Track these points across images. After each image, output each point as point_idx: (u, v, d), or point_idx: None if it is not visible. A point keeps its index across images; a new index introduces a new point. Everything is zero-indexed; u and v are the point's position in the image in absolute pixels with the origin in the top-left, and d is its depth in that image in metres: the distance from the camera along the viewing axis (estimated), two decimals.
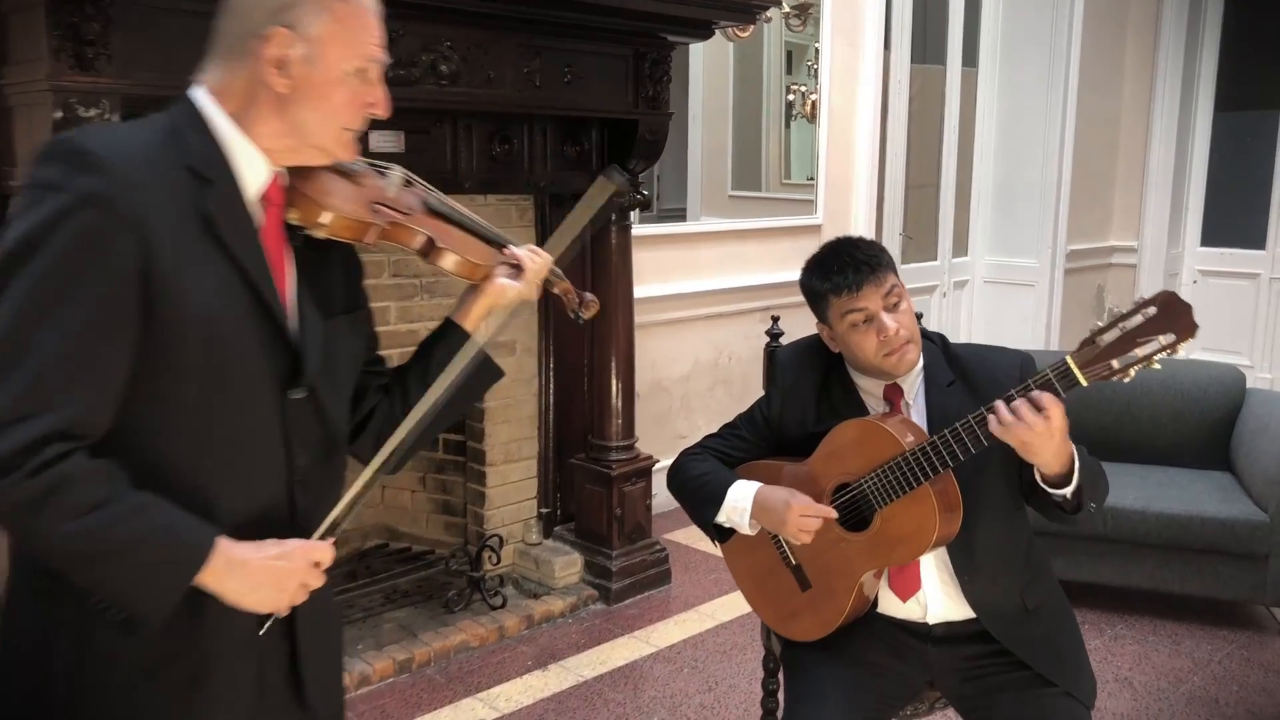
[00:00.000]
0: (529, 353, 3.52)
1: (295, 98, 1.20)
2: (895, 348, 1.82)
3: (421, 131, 2.89)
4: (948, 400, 1.88)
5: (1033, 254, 6.13)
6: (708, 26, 3.27)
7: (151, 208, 1.10)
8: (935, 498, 1.76)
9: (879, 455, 1.80)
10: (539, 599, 3.40)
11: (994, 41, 6.00)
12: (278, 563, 1.20)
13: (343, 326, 1.34)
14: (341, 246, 1.35)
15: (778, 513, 1.83)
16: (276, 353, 1.23)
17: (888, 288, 1.81)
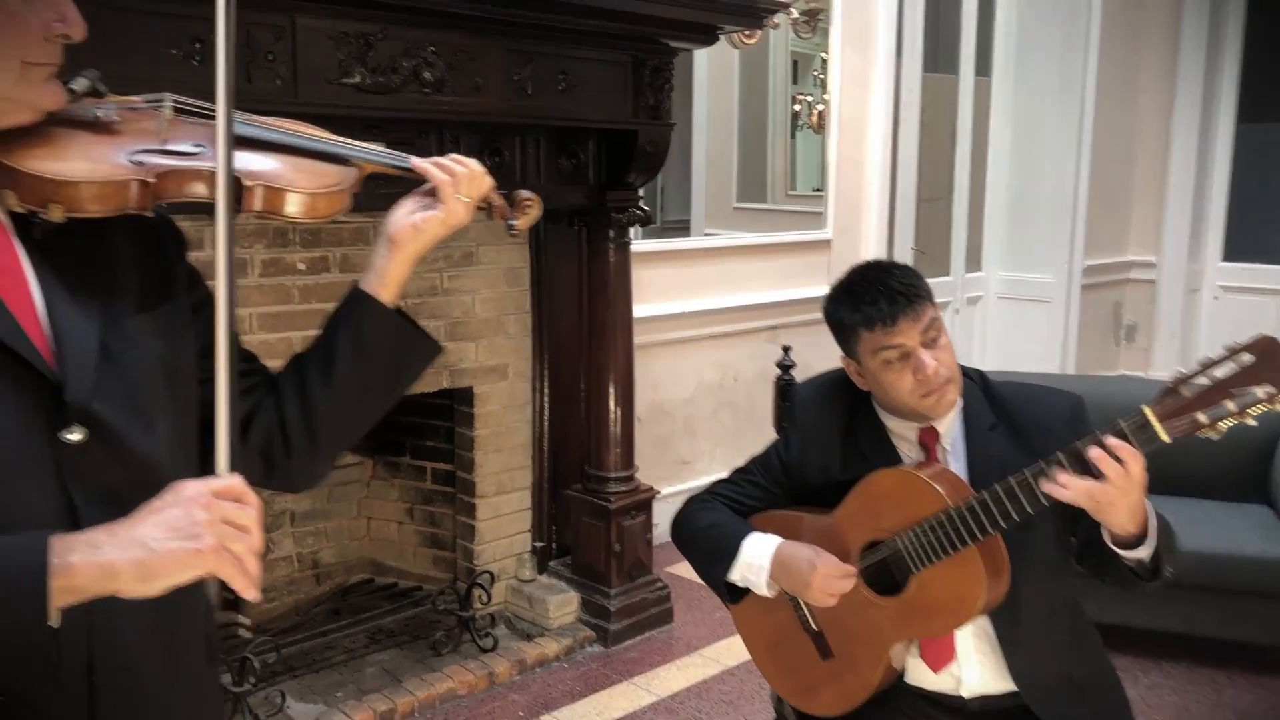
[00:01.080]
0: (521, 377, 3.31)
1: None
2: (934, 388, 1.61)
3: (405, 143, 2.68)
4: (990, 445, 1.67)
5: (1048, 269, 5.92)
6: (712, 31, 3.07)
7: None
8: (983, 562, 1.55)
9: (917, 511, 1.59)
10: (532, 640, 3.19)
11: (1008, 50, 5.81)
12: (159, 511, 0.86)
13: (138, 327, 1.00)
14: (121, 222, 1.00)
15: (800, 574, 1.63)
16: (23, 388, 0.90)
17: (926, 321, 1.61)
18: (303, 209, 1.04)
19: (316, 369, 1.12)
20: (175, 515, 0.85)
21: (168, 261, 1.07)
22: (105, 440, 0.93)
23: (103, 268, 0.99)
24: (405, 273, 1.13)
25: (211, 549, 0.85)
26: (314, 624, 3.17)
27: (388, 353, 1.14)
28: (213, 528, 0.85)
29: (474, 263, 3.13)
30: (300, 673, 2.94)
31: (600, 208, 3.14)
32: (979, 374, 1.78)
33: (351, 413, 1.16)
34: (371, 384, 1.15)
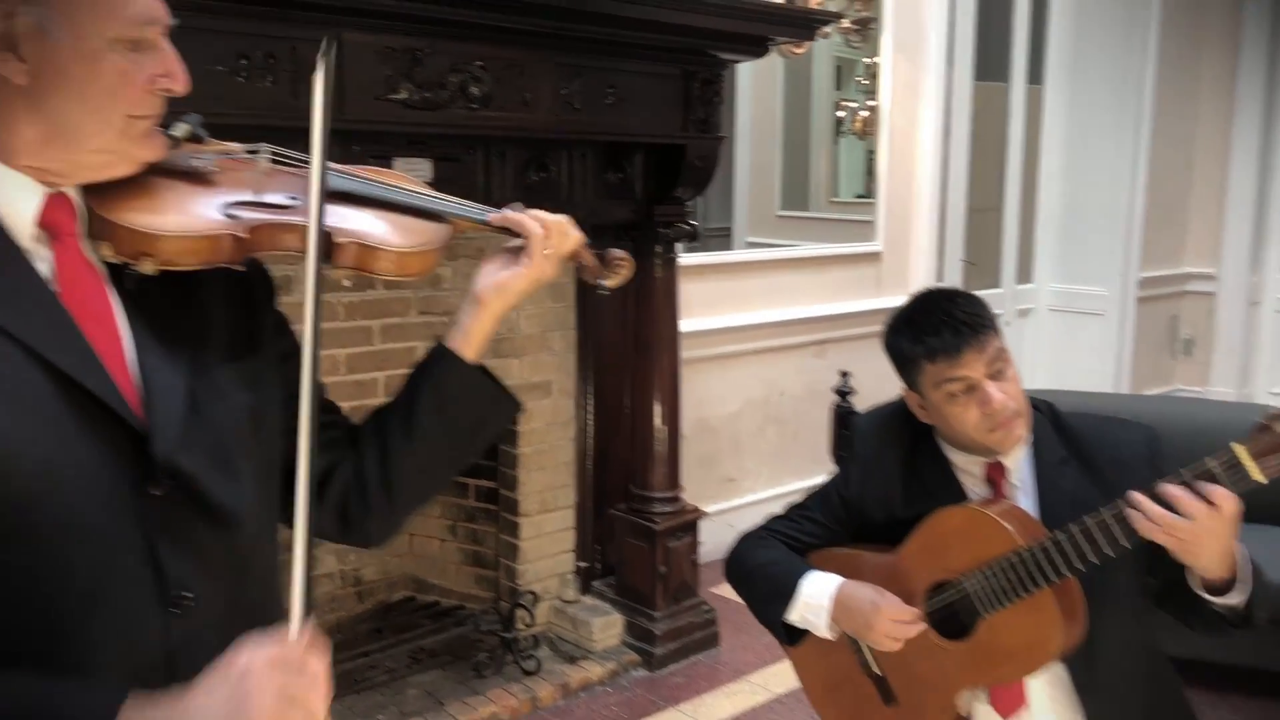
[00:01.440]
0: (565, 394, 3.25)
1: (43, 87, 0.87)
2: (1001, 422, 1.53)
3: (451, 159, 2.65)
4: (1061, 481, 1.59)
5: (1102, 281, 5.77)
6: (762, 43, 3.00)
7: None
8: (1058, 605, 1.47)
9: (986, 551, 1.51)
10: (576, 663, 3.13)
11: (1062, 57, 5.68)
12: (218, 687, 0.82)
13: (225, 375, 0.99)
14: (212, 270, 0.98)
15: (863, 615, 1.56)
16: (111, 439, 0.89)
17: (992, 352, 1.53)
18: (395, 267, 1.03)
19: (398, 425, 1.10)
20: (230, 696, 0.81)
21: (257, 309, 1.07)
22: (189, 493, 0.93)
23: (193, 318, 0.99)
24: (490, 330, 1.12)
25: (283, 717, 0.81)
26: (356, 643, 3.13)
27: (469, 409, 1.12)
28: (270, 707, 0.81)
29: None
30: (342, 694, 2.90)
31: (647, 223, 3.08)
32: (1048, 405, 1.70)
33: (430, 470, 1.15)
34: (452, 440, 1.13)
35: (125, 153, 0.93)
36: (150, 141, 0.95)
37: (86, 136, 0.90)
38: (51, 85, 0.88)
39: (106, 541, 0.89)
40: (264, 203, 1.00)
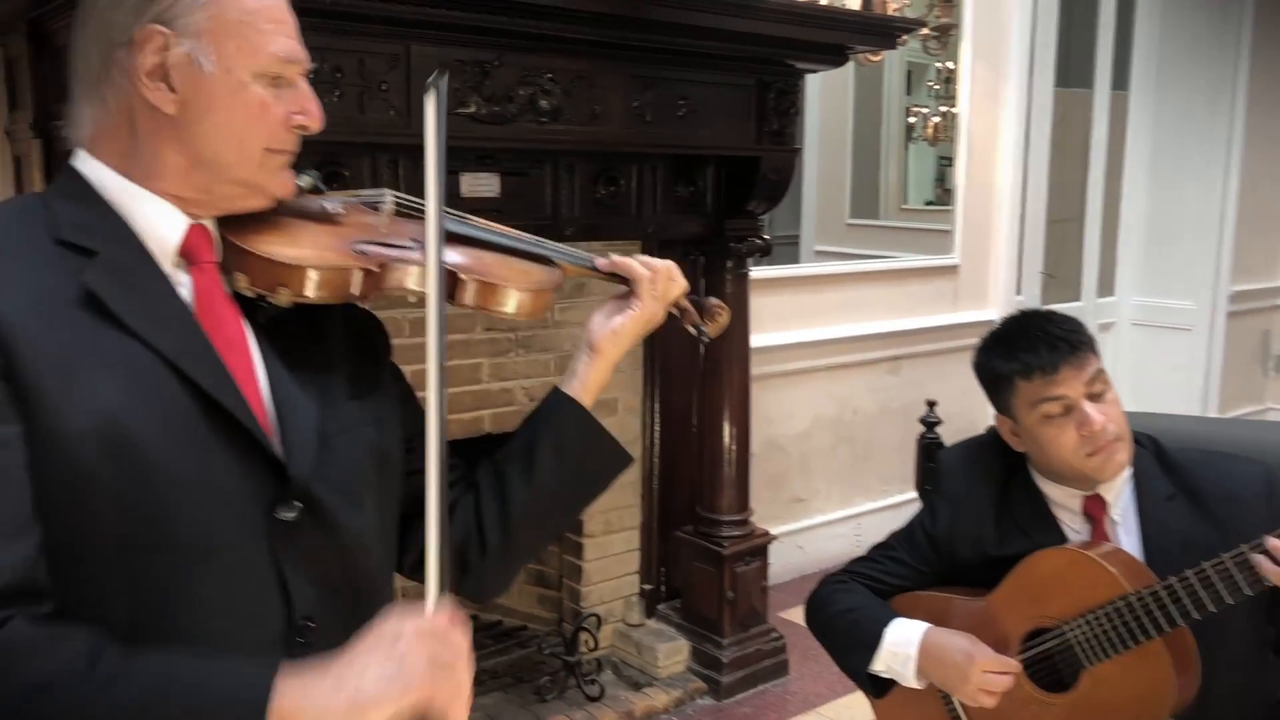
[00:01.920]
0: (631, 412, 3.18)
1: (188, 117, 0.92)
2: (1101, 445, 1.44)
3: (519, 174, 2.59)
4: (1168, 519, 1.48)
5: (1189, 295, 5.54)
6: (841, 52, 2.89)
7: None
8: (1170, 656, 1.36)
9: (1090, 597, 1.41)
10: (640, 690, 3.04)
11: (1148, 62, 5.47)
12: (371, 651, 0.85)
13: (350, 410, 1.02)
14: (339, 309, 1.03)
15: (955, 667, 1.46)
16: (245, 459, 0.92)
17: (1091, 372, 1.45)
18: (514, 305, 1.06)
19: (517, 469, 1.11)
20: (388, 653, 0.84)
21: (376, 354, 1.11)
22: (317, 519, 0.95)
23: (319, 354, 1.02)
24: (606, 378, 1.15)
25: (421, 695, 0.84)
26: None
27: (585, 458, 1.14)
28: (422, 671, 0.84)
29: (585, 294, 3.01)
30: None
31: (718, 237, 2.99)
32: (1151, 439, 1.59)
33: (548, 516, 1.16)
34: (568, 487, 1.15)
35: (260, 186, 0.98)
36: (283, 177, 0.99)
37: (227, 166, 0.95)
38: (198, 114, 0.92)
39: (238, 561, 0.91)
40: (390, 244, 1.03)
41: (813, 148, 4.81)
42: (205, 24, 0.91)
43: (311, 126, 0.98)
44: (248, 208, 0.98)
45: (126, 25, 0.91)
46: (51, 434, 0.83)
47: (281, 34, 0.95)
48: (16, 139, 2.33)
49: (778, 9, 2.65)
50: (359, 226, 1.05)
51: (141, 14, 0.91)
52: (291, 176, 1.01)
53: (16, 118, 2.31)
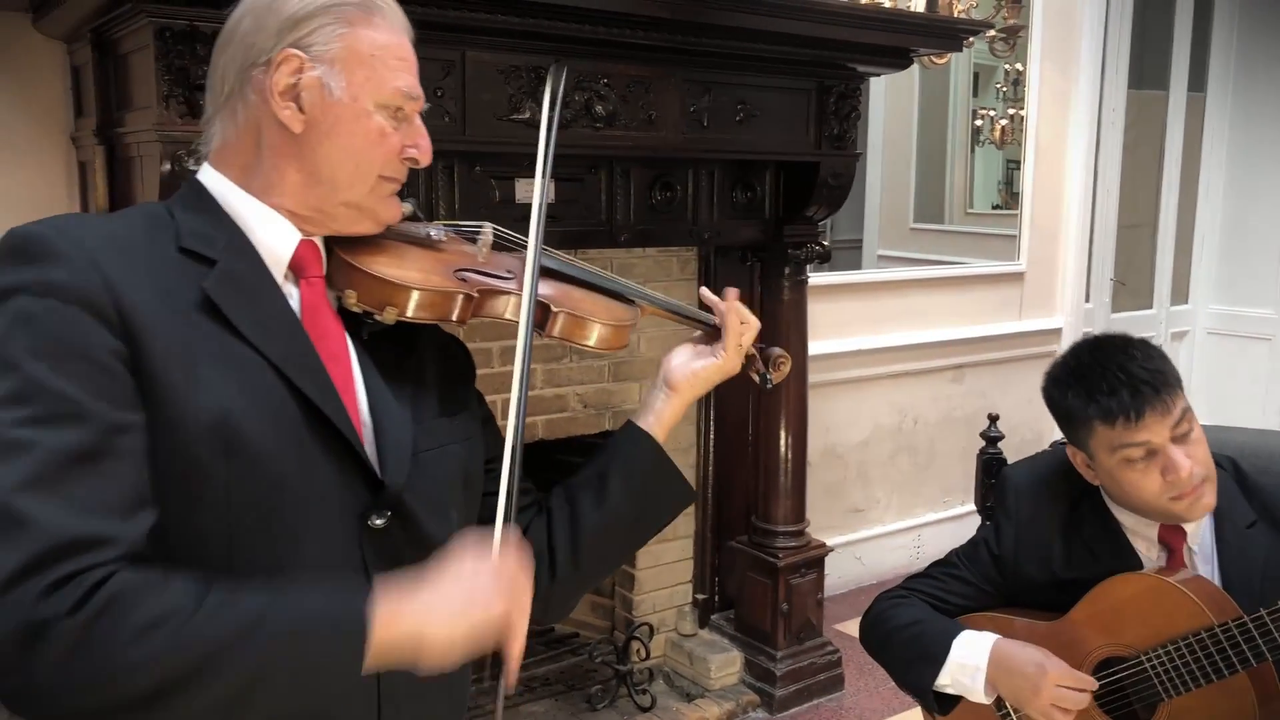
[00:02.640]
0: (687, 419, 3.13)
1: (312, 136, 0.98)
2: (1188, 491, 1.35)
3: (574, 179, 2.57)
4: (1249, 547, 1.41)
5: (1269, 303, 5.35)
6: (905, 55, 2.82)
7: (128, 292, 0.88)
8: (1254, 692, 1.29)
9: (1170, 626, 1.35)
10: (692, 701, 3.01)
11: (1227, 62, 5.30)
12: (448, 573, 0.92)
13: (441, 427, 1.07)
14: (432, 333, 1.11)
15: (1028, 679, 1.40)
16: (343, 466, 0.96)
17: (1177, 414, 1.36)
18: (597, 338, 1.12)
19: (589, 497, 1.15)
20: (468, 579, 0.91)
21: (464, 378, 1.17)
22: (406, 528, 1.00)
23: (412, 372, 1.07)
24: (679, 415, 1.19)
25: (499, 614, 0.92)
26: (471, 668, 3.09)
27: (656, 489, 1.18)
28: (502, 595, 0.92)
29: None
30: None
31: (776, 243, 2.94)
32: (1231, 462, 1.51)
33: (617, 543, 1.20)
34: (637, 516, 1.18)
35: (370, 210, 1.03)
36: (392, 204, 1.05)
37: (341, 186, 1.00)
38: (321, 135, 0.99)
39: (329, 561, 0.95)
40: (487, 272, 1.09)
41: (876, 151, 4.74)
42: (339, 53, 0.98)
43: (422, 160, 1.04)
44: (357, 231, 1.04)
45: (266, 47, 0.97)
46: (171, 426, 0.87)
47: (405, 71, 1.02)
48: (81, 145, 2.37)
49: (838, 11, 2.59)
50: (459, 255, 1.10)
51: (282, 38, 0.97)
52: (399, 204, 1.06)
53: (81, 124, 2.36)
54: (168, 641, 0.80)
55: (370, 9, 1.01)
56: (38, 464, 0.80)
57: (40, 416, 0.82)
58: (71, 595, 0.77)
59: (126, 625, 0.79)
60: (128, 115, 2.11)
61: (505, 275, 1.10)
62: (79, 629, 0.77)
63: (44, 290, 0.85)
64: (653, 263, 3.01)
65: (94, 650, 0.77)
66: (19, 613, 0.76)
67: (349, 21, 0.99)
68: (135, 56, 2.04)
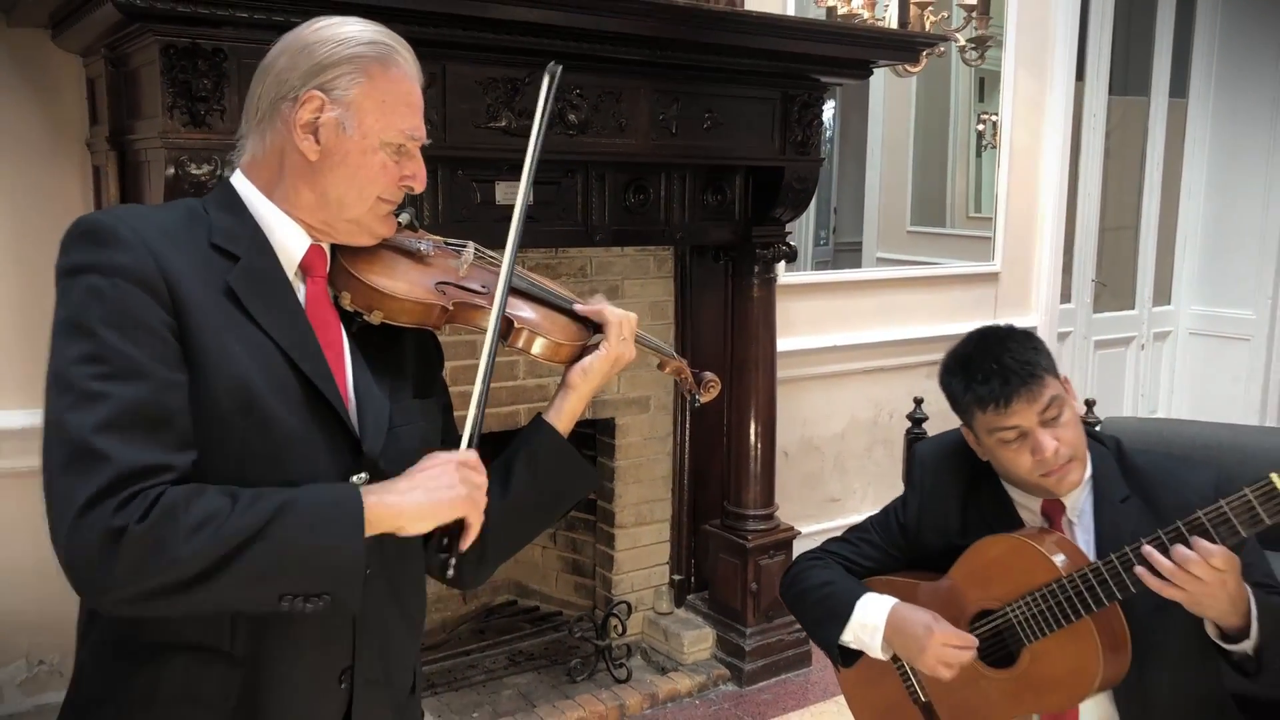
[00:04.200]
0: (663, 409, 3.32)
1: (325, 165, 1.16)
2: (1054, 469, 1.52)
3: (551, 183, 2.76)
4: (1121, 519, 1.57)
5: (1249, 304, 5.47)
6: (865, 66, 3.00)
7: (175, 273, 1.07)
8: (1098, 634, 1.46)
9: (1029, 580, 1.51)
10: (666, 674, 3.19)
11: (1207, 69, 5.43)
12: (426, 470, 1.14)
13: (413, 408, 1.27)
14: (415, 331, 1.28)
15: (916, 639, 1.57)
16: (332, 432, 1.16)
17: (1044, 401, 1.52)
18: (550, 354, 1.28)
19: (496, 481, 1.27)
20: (439, 473, 1.13)
21: (432, 368, 1.35)
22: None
23: (394, 360, 1.26)
24: (579, 409, 1.33)
25: (465, 498, 1.14)
26: (458, 642, 3.28)
27: (556, 476, 1.33)
28: (464, 484, 1.14)
29: (620, 296, 3.17)
30: (440, 690, 3.04)
31: (746, 243, 3.12)
32: (1115, 442, 1.68)
33: (519, 523, 1.35)
34: (540, 500, 1.33)
35: (368, 226, 1.21)
36: (388, 221, 1.23)
37: (345, 207, 1.18)
38: (333, 164, 1.16)
39: None
40: (464, 286, 1.26)
41: (874, 155, 4.87)
42: (355, 98, 1.15)
43: (416, 188, 1.22)
44: (357, 242, 1.22)
45: (296, 85, 1.15)
46: (204, 386, 1.07)
47: (411, 114, 1.19)
48: (95, 150, 2.58)
49: (800, 26, 2.78)
50: (443, 268, 1.27)
51: (309, 80, 1.14)
52: (393, 221, 1.24)
53: (96, 132, 2.56)
54: (213, 534, 1.00)
55: (387, 63, 1.17)
56: (111, 411, 1.01)
57: (112, 373, 1.02)
58: (139, 508, 0.99)
59: (182, 526, 0.99)
60: (137, 124, 2.31)
61: (480, 290, 1.27)
62: (146, 531, 0.98)
63: (111, 270, 1.05)
64: (631, 262, 3.19)
65: (158, 546, 0.98)
66: (100, 523, 0.98)
67: (367, 72, 1.15)
68: (144, 71, 2.23)
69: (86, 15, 2.18)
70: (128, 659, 1.13)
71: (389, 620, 1.24)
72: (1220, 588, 1.35)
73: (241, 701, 1.13)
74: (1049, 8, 4.47)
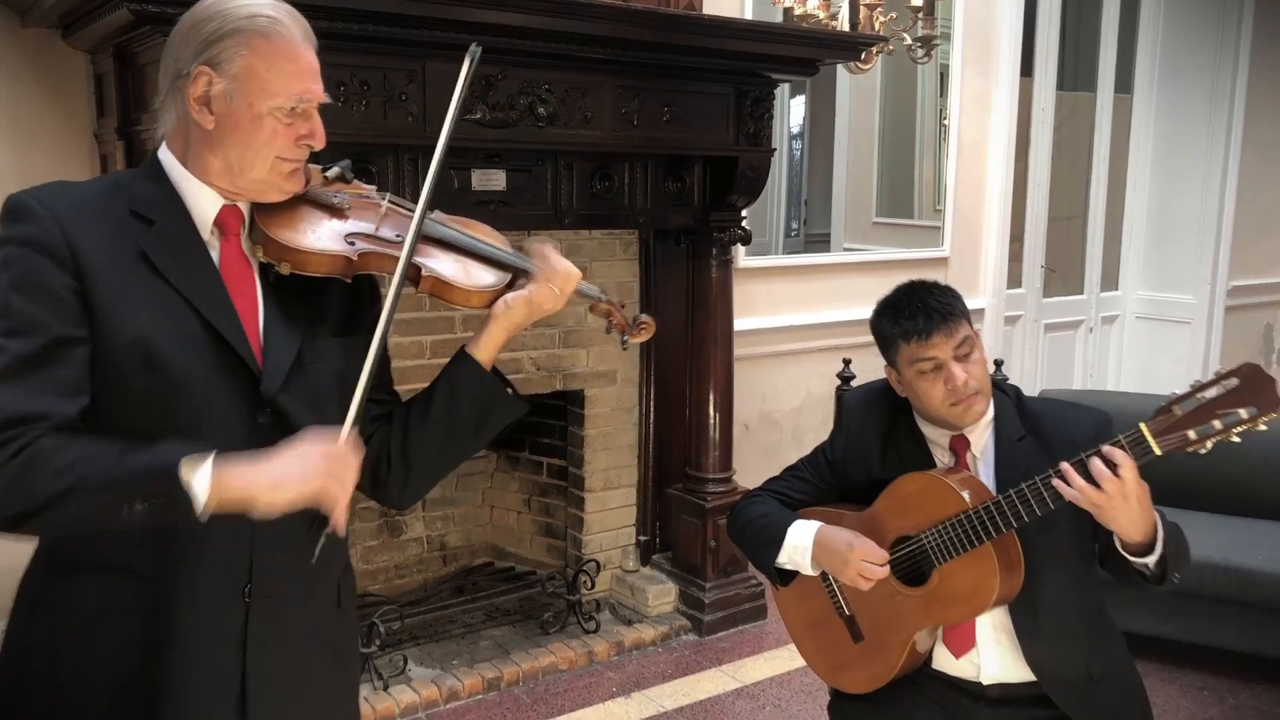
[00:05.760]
0: (629, 382, 3.58)
1: (221, 133, 1.25)
2: (962, 398, 1.77)
3: (522, 170, 3.01)
4: (1017, 455, 1.82)
5: (1190, 289, 5.78)
6: (812, 64, 3.26)
7: (80, 242, 1.19)
8: (996, 558, 1.72)
9: (941, 511, 1.76)
10: (632, 625, 3.45)
11: (1151, 65, 5.72)
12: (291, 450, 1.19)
13: (330, 348, 1.34)
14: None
15: (839, 554, 1.81)
16: (238, 379, 1.26)
17: (959, 338, 1.77)
18: (460, 299, 1.35)
19: (419, 408, 1.41)
20: (300, 457, 1.19)
21: (362, 307, 1.41)
22: (283, 425, 1.28)
23: (314, 305, 1.34)
24: (499, 340, 1.39)
25: (319, 486, 1.19)
26: (438, 599, 3.53)
27: (476, 402, 1.41)
28: (323, 472, 1.19)
29: (589, 276, 3.39)
30: (422, 641, 3.29)
31: (704, 228, 3.38)
32: (1015, 390, 1.94)
33: (440, 447, 1.43)
34: (462, 425, 1.41)
35: (276, 184, 1.29)
36: (294, 179, 1.31)
37: (246, 169, 1.27)
38: (228, 132, 1.25)
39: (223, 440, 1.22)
40: (377, 236, 1.33)
41: (841, 149, 5.07)
42: (240, 70, 1.24)
43: (315, 145, 1.30)
44: (268, 198, 1.31)
45: (187, 61, 1.25)
46: (103, 343, 1.19)
47: (299, 79, 1.27)
48: (103, 140, 2.81)
49: (750, 28, 3.04)
50: (358, 218, 1.34)
51: (198, 56, 1.24)
52: (301, 178, 1.31)
53: (104, 123, 2.79)
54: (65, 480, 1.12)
55: (270, 34, 1.24)
56: (4, 362, 1.14)
57: (11, 329, 1.16)
58: (10, 450, 1.12)
59: (44, 470, 1.12)
60: (144, 116, 2.54)
61: (394, 239, 1.32)
62: (12, 470, 1.12)
63: (21, 242, 1.18)
64: (598, 244, 3.45)
65: (19, 483, 1.12)
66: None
67: (250, 45, 1.23)
68: (150, 68, 2.46)
69: (99, 18, 2.41)
70: (53, 576, 1.27)
71: (292, 541, 1.29)
72: (1123, 500, 1.57)
73: (153, 612, 1.24)
74: (994, 8, 4.75)
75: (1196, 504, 3.44)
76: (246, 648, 1.30)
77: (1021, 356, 5.34)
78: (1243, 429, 1.52)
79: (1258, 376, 1.52)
